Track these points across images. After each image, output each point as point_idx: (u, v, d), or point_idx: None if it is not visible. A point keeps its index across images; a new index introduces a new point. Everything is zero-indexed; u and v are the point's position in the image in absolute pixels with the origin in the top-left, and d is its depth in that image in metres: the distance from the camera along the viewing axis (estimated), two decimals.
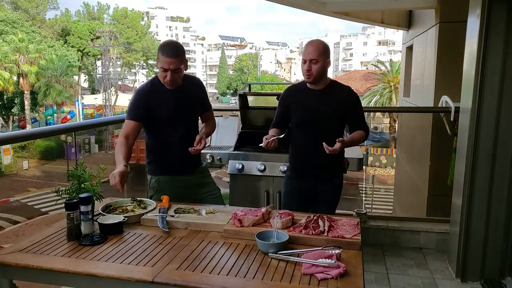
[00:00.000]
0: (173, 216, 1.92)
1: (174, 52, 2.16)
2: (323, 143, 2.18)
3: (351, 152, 3.48)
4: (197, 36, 73.39)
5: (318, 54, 2.26)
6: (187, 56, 2.29)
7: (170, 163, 2.37)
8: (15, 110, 26.38)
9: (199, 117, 2.51)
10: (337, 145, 2.17)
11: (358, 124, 2.42)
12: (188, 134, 2.32)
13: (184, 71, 2.28)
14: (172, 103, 2.29)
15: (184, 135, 2.32)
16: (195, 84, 2.44)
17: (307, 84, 2.38)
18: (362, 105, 2.53)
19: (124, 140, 2.23)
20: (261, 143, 2.27)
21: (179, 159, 2.35)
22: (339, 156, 2.40)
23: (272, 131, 2.39)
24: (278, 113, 2.50)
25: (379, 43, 62.54)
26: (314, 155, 2.34)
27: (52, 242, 1.70)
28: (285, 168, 3.16)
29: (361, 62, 62.53)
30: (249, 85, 4.12)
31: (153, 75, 2.38)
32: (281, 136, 2.28)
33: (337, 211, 2.50)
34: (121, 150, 2.19)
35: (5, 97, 25.44)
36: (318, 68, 2.27)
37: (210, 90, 60.76)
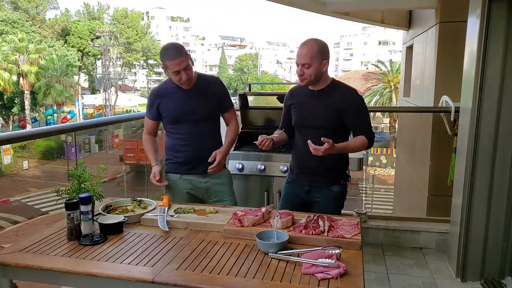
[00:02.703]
0: (173, 216, 1.92)
1: (179, 52, 2.18)
2: (308, 141, 2.03)
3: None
4: (197, 36, 73.37)
5: (311, 57, 2.10)
6: None
7: (178, 161, 2.38)
8: (15, 110, 26.40)
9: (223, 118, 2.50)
10: (325, 146, 2.00)
11: (359, 129, 2.23)
12: (199, 133, 2.33)
13: (193, 65, 2.28)
14: (180, 103, 2.30)
15: (193, 134, 2.32)
16: (211, 83, 2.40)
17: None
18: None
19: (148, 137, 2.43)
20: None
21: (186, 159, 2.35)
22: (340, 162, 2.26)
23: (275, 133, 2.33)
24: (283, 114, 2.43)
25: (379, 43, 62.56)
26: (309, 158, 2.14)
27: (52, 242, 1.70)
28: (285, 168, 3.16)
29: (361, 62, 62.54)
30: (249, 85, 4.12)
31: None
32: (274, 135, 2.22)
33: None
34: (149, 148, 2.41)
35: (5, 97, 25.45)
36: (311, 72, 2.12)
37: None
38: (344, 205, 2.40)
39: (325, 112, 2.20)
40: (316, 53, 2.11)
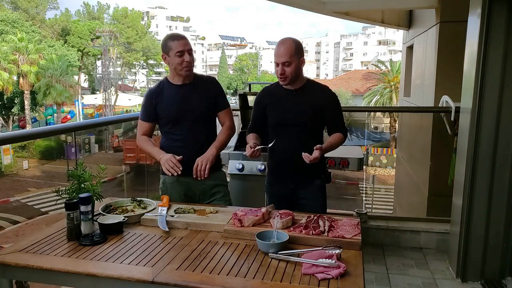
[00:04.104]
0: (173, 216, 1.92)
1: (183, 35, 2.27)
2: (303, 154, 2.08)
3: (351, 152, 3.49)
4: (197, 36, 73.39)
5: (291, 55, 2.13)
6: None
7: None
8: (15, 110, 26.38)
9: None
10: (316, 153, 2.07)
11: (336, 125, 2.32)
12: (195, 135, 2.30)
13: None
14: (176, 103, 2.29)
15: (189, 135, 2.30)
16: (207, 82, 2.39)
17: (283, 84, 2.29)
18: (362, 104, 2.44)
19: (144, 137, 2.37)
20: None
21: (183, 160, 2.32)
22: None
23: (251, 138, 2.31)
24: (254, 115, 2.40)
25: (380, 42, 62.54)
26: (291, 158, 2.20)
27: (52, 242, 1.70)
28: None
29: (362, 62, 62.54)
30: (249, 85, 4.13)
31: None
32: (269, 146, 2.20)
33: (337, 211, 2.46)
34: (149, 144, 2.35)
35: (5, 97, 25.43)
36: (291, 70, 2.16)
37: None
38: (326, 201, 2.41)
39: (305, 110, 2.23)
40: (294, 51, 2.15)
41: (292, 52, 2.14)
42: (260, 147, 2.16)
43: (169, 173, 2.19)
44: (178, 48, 2.20)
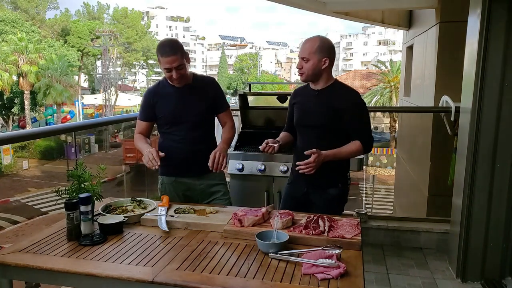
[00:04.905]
0: (173, 216, 1.92)
1: (173, 50, 2.16)
2: (296, 162, 2.06)
3: None
4: (197, 36, 73.45)
5: (310, 52, 2.11)
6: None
7: (172, 164, 2.33)
8: (15, 110, 26.39)
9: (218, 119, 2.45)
10: (312, 158, 2.01)
11: (355, 132, 2.20)
12: (193, 135, 2.30)
13: (188, 64, 2.26)
14: (175, 103, 2.29)
15: (187, 135, 2.29)
16: (206, 83, 2.38)
17: (310, 84, 2.26)
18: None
19: (139, 135, 2.39)
20: (262, 142, 2.25)
21: (181, 161, 2.32)
22: (338, 164, 2.20)
23: (281, 136, 2.32)
24: (287, 114, 2.41)
25: (380, 43, 62.57)
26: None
27: (52, 242, 1.70)
28: (285, 168, 3.17)
29: (362, 62, 62.57)
30: (249, 85, 4.12)
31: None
32: (281, 138, 2.21)
33: None
34: (142, 141, 2.35)
35: (5, 97, 25.44)
36: (309, 66, 2.13)
37: None
38: (344, 208, 2.36)
39: (323, 111, 2.18)
40: (316, 48, 2.11)
41: (313, 50, 2.11)
42: (275, 145, 2.14)
43: (147, 165, 2.15)
44: (165, 65, 2.17)
